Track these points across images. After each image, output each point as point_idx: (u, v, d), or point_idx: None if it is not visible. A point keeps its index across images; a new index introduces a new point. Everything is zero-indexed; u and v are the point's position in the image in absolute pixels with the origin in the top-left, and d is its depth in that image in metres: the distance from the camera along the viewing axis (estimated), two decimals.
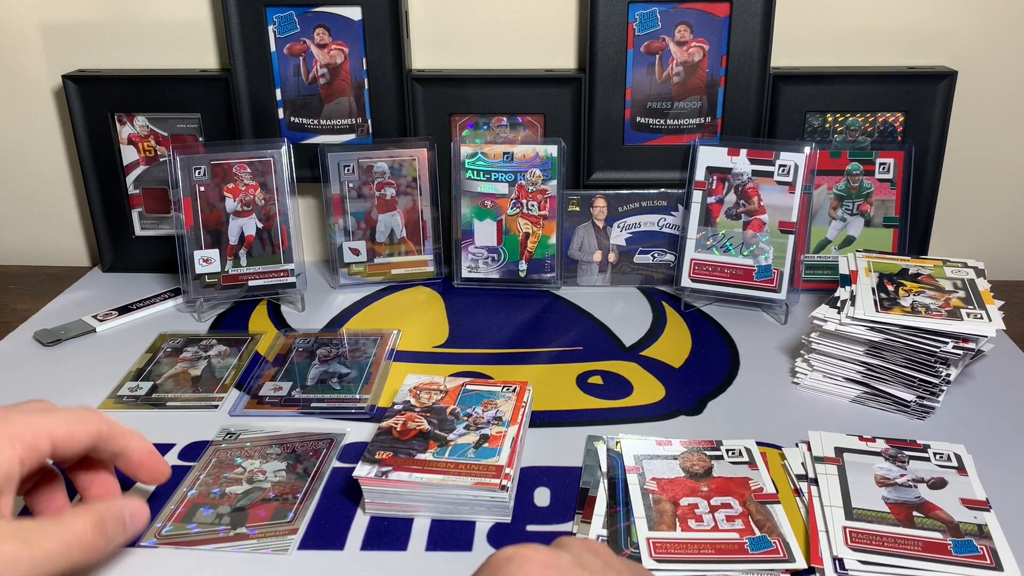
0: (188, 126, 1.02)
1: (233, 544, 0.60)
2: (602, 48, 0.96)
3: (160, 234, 1.06)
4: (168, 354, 0.87)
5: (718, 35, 0.95)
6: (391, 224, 1.01)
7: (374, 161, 0.99)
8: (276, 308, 0.97)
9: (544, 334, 0.91)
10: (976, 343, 0.71)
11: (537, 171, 0.97)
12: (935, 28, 0.99)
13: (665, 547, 0.58)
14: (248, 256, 0.95)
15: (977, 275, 0.80)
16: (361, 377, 0.82)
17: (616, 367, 0.84)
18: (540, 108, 0.99)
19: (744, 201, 0.94)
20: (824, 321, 0.76)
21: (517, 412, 0.69)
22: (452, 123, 1.00)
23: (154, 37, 1.03)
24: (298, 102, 1.00)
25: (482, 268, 1.01)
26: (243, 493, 0.65)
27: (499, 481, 0.61)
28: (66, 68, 1.03)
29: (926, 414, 0.74)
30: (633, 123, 1.00)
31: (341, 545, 0.61)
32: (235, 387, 0.81)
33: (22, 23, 1.04)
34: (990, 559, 0.57)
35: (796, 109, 0.98)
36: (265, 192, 0.95)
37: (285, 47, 0.98)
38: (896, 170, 0.96)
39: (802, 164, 0.92)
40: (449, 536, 0.61)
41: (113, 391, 0.80)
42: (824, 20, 0.99)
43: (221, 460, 0.70)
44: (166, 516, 0.63)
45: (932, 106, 0.96)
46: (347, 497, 0.65)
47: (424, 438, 0.66)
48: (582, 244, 1.01)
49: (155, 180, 1.04)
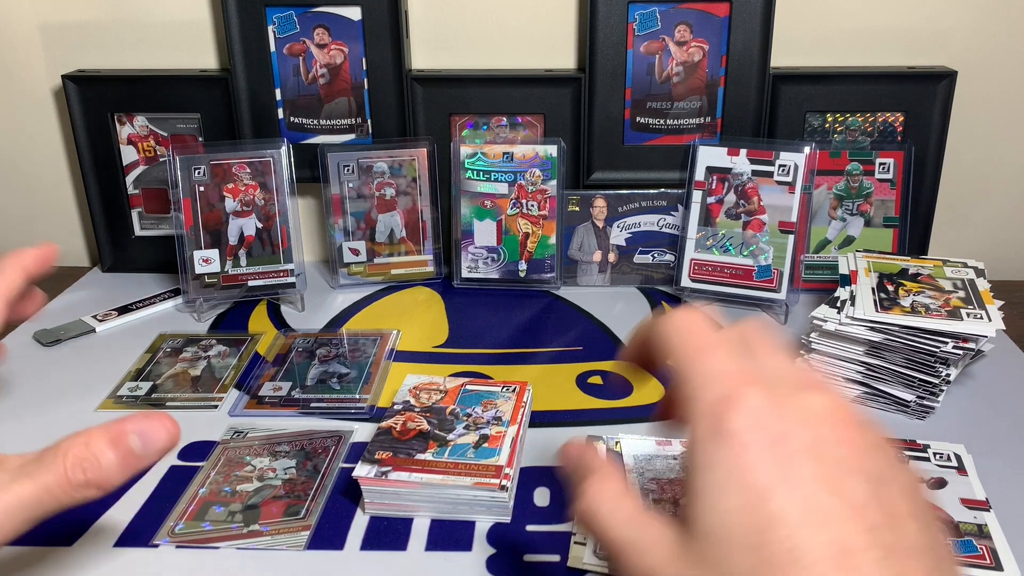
0: (188, 126, 1.02)
1: (247, 541, 0.61)
2: (602, 48, 0.96)
3: (160, 234, 1.06)
4: (168, 354, 0.87)
5: (718, 35, 0.95)
6: (391, 224, 1.01)
7: (374, 161, 0.99)
8: (276, 308, 0.97)
9: (544, 334, 0.91)
10: (976, 343, 0.71)
11: (537, 171, 0.97)
12: (935, 28, 0.99)
13: None
14: (248, 256, 0.95)
15: (977, 275, 0.80)
16: (361, 377, 0.82)
17: (616, 367, 0.84)
18: (540, 108, 0.99)
19: (744, 201, 0.94)
20: (824, 321, 0.76)
21: (517, 412, 0.69)
22: (452, 123, 1.00)
23: (154, 37, 1.03)
24: (298, 102, 1.00)
25: (482, 268, 1.01)
26: (254, 491, 0.66)
27: (499, 481, 0.61)
28: (66, 68, 1.03)
29: (926, 414, 0.74)
30: (633, 123, 1.00)
31: (341, 545, 0.61)
32: (235, 387, 0.81)
33: (22, 23, 1.04)
34: (990, 559, 0.57)
35: (796, 109, 0.97)
36: (265, 192, 0.95)
37: (285, 47, 0.98)
38: (896, 170, 0.96)
39: (802, 164, 0.92)
40: (449, 536, 0.61)
41: (113, 391, 0.80)
42: (824, 20, 0.99)
43: (230, 458, 0.70)
44: (178, 514, 0.63)
45: (932, 106, 0.96)
46: (347, 497, 0.65)
47: (424, 438, 0.66)
48: (582, 244, 1.01)
49: (155, 180, 1.04)
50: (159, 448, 0.40)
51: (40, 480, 0.38)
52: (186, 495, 0.66)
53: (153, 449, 0.40)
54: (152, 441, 0.39)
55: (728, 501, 0.29)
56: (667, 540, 0.31)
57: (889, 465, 0.30)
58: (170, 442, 0.40)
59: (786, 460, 0.29)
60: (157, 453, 0.40)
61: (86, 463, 0.38)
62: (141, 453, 0.39)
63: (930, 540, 0.29)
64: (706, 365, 0.32)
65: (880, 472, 0.29)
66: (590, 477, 0.35)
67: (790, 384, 0.31)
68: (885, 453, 0.31)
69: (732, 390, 0.31)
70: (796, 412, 0.30)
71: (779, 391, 0.31)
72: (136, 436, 0.39)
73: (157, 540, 0.61)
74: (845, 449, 0.29)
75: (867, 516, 0.28)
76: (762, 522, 0.28)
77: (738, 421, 0.30)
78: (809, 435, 0.29)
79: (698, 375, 0.32)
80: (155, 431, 0.39)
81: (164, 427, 0.40)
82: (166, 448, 0.40)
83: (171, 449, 0.41)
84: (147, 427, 0.39)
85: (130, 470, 0.39)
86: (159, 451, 0.40)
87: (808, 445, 0.29)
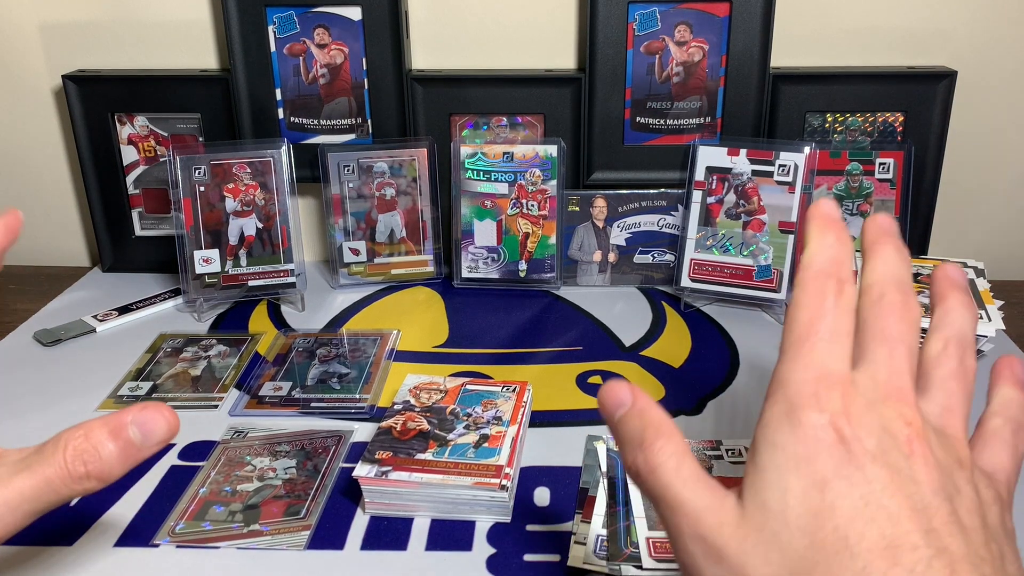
0: (188, 126, 1.02)
1: (248, 541, 0.61)
2: (602, 48, 0.96)
3: (160, 234, 1.06)
4: (168, 354, 0.87)
5: (718, 35, 0.95)
6: (391, 224, 1.01)
7: (374, 161, 0.99)
8: (276, 308, 0.97)
9: (544, 334, 0.91)
10: (976, 343, 0.71)
11: (537, 171, 0.97)
12: (935, 28, 0.99)
13: (665, 547, 0.58)
14: (248, 256, 0.95)
15: (977, 275, 0.80)
16: (361, 377, 0.82)
17: (616, 367, 0.84)
18: (540, 108, 0.99)
19: (744, 201, 0.94)
20: None
21: (517, 412, 0.69)
22: (452, 123, 1.00)
23: (154, 37, 1.03)
24: (298, 102, 1.01)
25: (482, 268, 1.01)
26: (254, 490, 0.66)
27: (499, 481, 0.61)
28: (66, 68, 1.03)
29: None
30: (633, 123, 1.00)
31: (341, 545, 0.61)
32: (235, 387, 0.81)
33: (22, 23, 1.04)
34: None
35: (796, 109, 0.98)
36: (265, 192, 0.95)
37: (285, 47, 0.98)
38: (896, 170, 0.96)
39: (802, 164, 0.92)
40: (449, 536, 0.61)
41: (113, 391, 0.80)
42: (824, 20, 0.99)
43: (231, 458, 0.70)
44: (179, 514, 0.63)
45: (932, 106, 0.96)
46: (347, 497, 0.65)
47: (424, 438, 0.66)
48: (582, 244, 1.01)
49: (155, 180, 1.04)
50: (159, 439, 0.40)
51: (40, 473, 0.37)
52: (186, 495, 0.66)
53: (153, 440, 0.39)
54: (151, 432, 0.39)
55: (789, 481, 0.30)
56: (727, 506, 0.32)
57: (963, 480, 0.32)
58: (169, 432, 0.40)
59: (848, 460, 0.30)
60: (157, 444, 0.40)
61: (86, 455, 0.38)
62: (141, 444, 0.39)
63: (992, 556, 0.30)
64: (806, 355, 0.33)
65: (948, 484, 0.31)
66: (652, 430, 0.34)
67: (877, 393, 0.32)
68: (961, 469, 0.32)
69: (816, 388, 0.32)
70: (869, 421, 0.31)
71: (861, 399, 0.32)
72: (135, 427, 0.39)
73: (157, 540, 0.61)
74: (912, 460, 0.31)
75: (925, 520, 0.29)
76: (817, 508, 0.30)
77: (812, 417, 0.31)
78: (876, 443, 0.31)
79: (794, 361, 0.33)
80: (154, 422, 0.39)
81: (163, 417, 0.40)
82: (166, 439, 0.40)
83: (170, 439, 0.40)
84: (146, 418, 0.39)
85: (130, 461, 0.39)
86: (159, 442, 0.40)
87: (873, 452, 0.30)
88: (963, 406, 0.35)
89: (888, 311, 0.34)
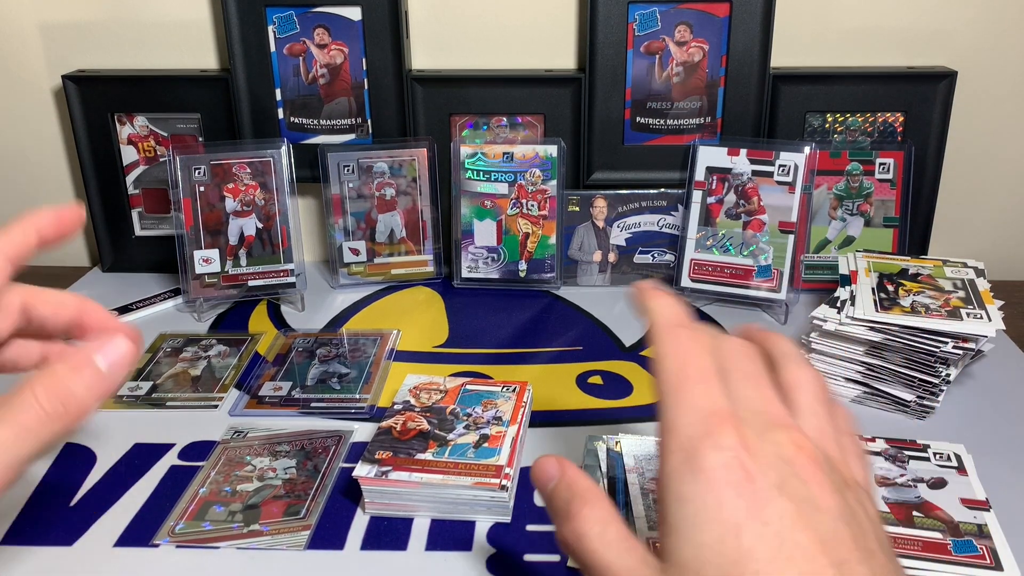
0: (188, 126, 1.02)
1: (248, 541, 0.61)
2: (602, 48, 0.96)
3: (160, 234, 1.06)
4: (168, 354, 0.87)
5: (718, 35, 0.95)
6: (391, 224, 1.01)
7: (374, 161, 0.99)
8: (276, 308, 0.97)
9: (544, 334, 0.91)
10: (976, 343, 0.71)
11: (537, 171, 0.97)
12: (935, 28, 0.99)
13: None
14: (248, 256, 0.95)
15: (977, 275, 0.80)
16: (361, 377, 0.82)
17: (616, 367, 0.84)
18: (540, 108, 0.99)
19: (744, 201, 0.94)
20: (824, 321, 0.76)
21: (517, 412, 0.69)
22: (452, 123, 1.00)
23: (154, 37, 1.03)
24: (298, 102, 1.00)
25: (482, 268, 1.01)
26: (254, 491, 0.66)
27: (499, 481, 0.61)
28: (66, 68, 1.03)
29: (926, 414, 0.74)
30: (633, 123, 1.00)
31: (341, 545, 0.61)
32: (235, 387, 0.81)
33: (22, 23, 1.04)
34: (990, 559, 0.57)
35: (796, 109, 0.98)
36: (265, 192, 0.95)
37: (285, 47, 0.98)
38: (896, 170, 0.96)
39: (802, 164, 0.92)
40: (449, 536, 0.61)
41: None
42: (824, 20, 0.99)
43: (231, 458, 0.70)
44: (179, 514, 0.63)
45: (932, 106, 0.96)
46: (347, 497, 0.65)
47: (424, 438, 0.66)
48: (582, 244, 1.01)
49: (155, 180, 1.04)
50: (125, 363, 0.40)
51: (15, 421, 0.37)
52: (186, 495, 0.66)
53: (119, 365, 0.39)
54: (116, 358, 0.39)
55: (702, 535, 0.30)
56: (649, 567, 0.32)
57: (854, 500, 0.32)
58: (133, 353, 0.40)
59: (756, 498, 0.30)
60: (123, 368, 0.40)
61: (61, 394, 0.38)
62: (108, 372, 0.39)
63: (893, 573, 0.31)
64: (686, 399, 0.33)
65: (845, 508, 0.31)
66: (578, 500, 0.35)
67: (761, 422, 0.33)
68: (849, 489, 0.32)
69: (707, 428, 0.32)
70: (766, 450, 0.32)
71: (750, 430, 0.32)
72: (100, 356, 0.39)
73: (157, 540, 0.61)
74: (812, 487, 0.31)
75: (834, 551, 0.29)
76: (734, 556, 0.29)
77: (711, 459, 0.31)
78: (776, 474, 0.31)
79: (677, 408, 0.33)
80: (116, 346, 0.39)
81: (123, 339, 0.40)
82: (131, 360, 0.40)
83: (135, 360, 0.40)
84: (107, 345, 0.39)
85: (103, 393, 0.39)
86: (125, 365, 0.40)
87: (777, 484, 0.31)
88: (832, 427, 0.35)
89: (731, 352, 0.36)
